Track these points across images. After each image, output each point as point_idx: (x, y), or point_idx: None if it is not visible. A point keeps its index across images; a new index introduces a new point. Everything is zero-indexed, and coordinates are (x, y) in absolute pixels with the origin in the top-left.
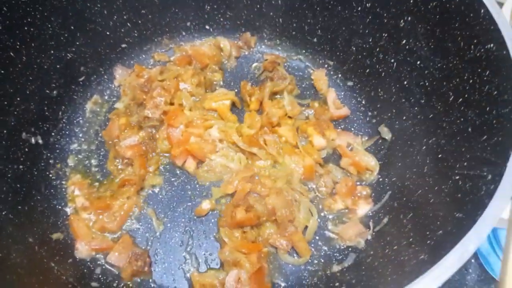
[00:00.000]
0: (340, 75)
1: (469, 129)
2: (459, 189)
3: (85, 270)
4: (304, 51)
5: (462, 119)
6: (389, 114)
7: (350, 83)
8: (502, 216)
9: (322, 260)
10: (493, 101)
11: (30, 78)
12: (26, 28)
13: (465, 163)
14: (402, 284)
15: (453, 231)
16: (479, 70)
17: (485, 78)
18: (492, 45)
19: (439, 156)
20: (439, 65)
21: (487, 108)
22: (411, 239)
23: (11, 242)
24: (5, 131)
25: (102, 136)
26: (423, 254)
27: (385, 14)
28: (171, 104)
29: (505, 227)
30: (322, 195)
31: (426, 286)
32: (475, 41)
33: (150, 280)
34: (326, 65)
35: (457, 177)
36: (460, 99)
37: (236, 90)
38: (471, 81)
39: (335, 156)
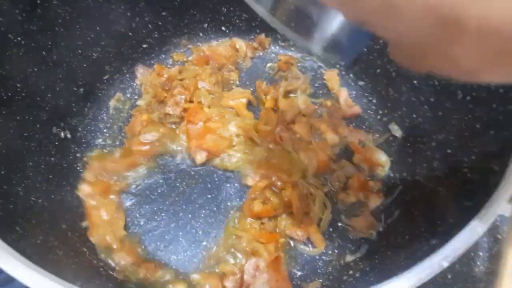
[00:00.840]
0: (351, 75)
1: (477, 125)
2: (469, 181)
3: None
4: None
5: (470, 116)
6: (400, 112)
7: (361, 83)
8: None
9: (336, 251)
10: (499, 98)
11: (60, 76)
12: (57, 28)
13: (473, 157)
14: (414, 265)
15: (463, 218)
16: None
17: None
18: None
19: (448, 151)
20: None
21: (494, 105)
22: (422, 229)
23: (48, 227)
24: (38, 125)
25: (125, 132)
26: (435, 240)
27: None
28: (191, 102)
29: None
30: (336, 189)
31: (436, 264)
32: None
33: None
34: (338, 66)
35: (466, 170)
36: (469, 97)
37: (251, 89)
38: None
39: (347, 153)
